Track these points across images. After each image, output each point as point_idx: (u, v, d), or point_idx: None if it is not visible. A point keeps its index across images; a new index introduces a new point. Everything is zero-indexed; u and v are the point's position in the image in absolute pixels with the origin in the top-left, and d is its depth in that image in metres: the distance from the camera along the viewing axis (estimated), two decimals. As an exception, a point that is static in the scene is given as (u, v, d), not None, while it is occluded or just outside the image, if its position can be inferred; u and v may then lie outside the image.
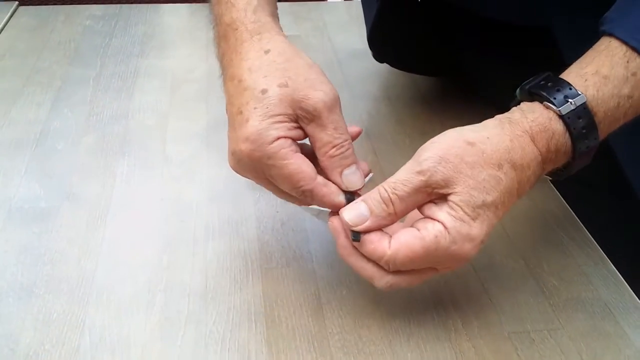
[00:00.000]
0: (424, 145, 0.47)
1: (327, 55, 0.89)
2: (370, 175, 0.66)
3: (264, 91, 0.48)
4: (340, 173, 0.49)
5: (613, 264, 0.57)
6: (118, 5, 1.01)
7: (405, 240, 0.45)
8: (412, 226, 0.46)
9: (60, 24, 0.95)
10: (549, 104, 0.47)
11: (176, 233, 0.59)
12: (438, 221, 0.45)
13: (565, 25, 0.59)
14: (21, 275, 0.54)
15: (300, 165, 0.48)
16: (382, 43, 0.79)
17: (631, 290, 0.54)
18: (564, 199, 0.64)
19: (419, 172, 0.45)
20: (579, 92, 0.46)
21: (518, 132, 0.46)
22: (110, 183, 0.64)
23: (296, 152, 0.48)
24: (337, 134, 0.48)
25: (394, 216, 0.46)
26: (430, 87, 0.82)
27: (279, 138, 0.47)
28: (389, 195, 0.46)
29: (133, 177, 0.65)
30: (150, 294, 0.53)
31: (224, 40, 0.53)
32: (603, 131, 0.47)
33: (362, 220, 0.46)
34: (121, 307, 0.51)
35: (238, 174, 0.51)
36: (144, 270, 0.55)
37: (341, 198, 0.49)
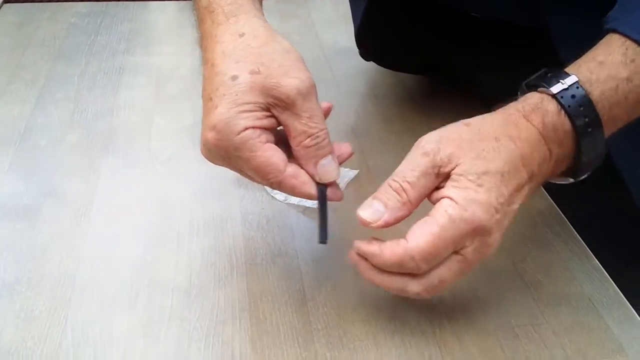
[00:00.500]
0: (423, 136, 0.48)
1: (315, 52, 0.89)
2: (356, 171, 0.66)
3: (234, 77, 0.46)
4: (315, 164, 0.48)
5: (597, 260, 0.57)
6: (104, 3, 1.00)
7: (418, 229, 0.44)
8: None
9: (45, 21, 0.95)
10: (542, 88, 0.47)
11: (160, 230, 0.58)
12: (445, 197, 0.45)
13: (563, 24, 0.59)
14: (3, 272, 0.53)
15: (268, 157, 0.46)
16: (369, 41, 0.78)
17: (615, 285, 0.54)
18: (549, 195, 0.64)
19: (423, 154, 0.46)
20: (571, 74, 0.47)
21: (510, 112, 0.47)
22: (94, 180, 0.64)
23: (265, 142, 0.46)
24: (312, 123, 0.47)
25: (409, 205, 0.46)
26: (417, 85, 0.83)
27: (247, 128, 0.46)
28: (400, 184, 0.46)
29: (117, 174, 0.65)
30: (133, 291, 0.52)
31: (202, 24, 0.52)
32: (604, 114, 0.47)
33: (379, 216, 0.46)
34: (104, 303, 0.51)
35: (211, 163, 0.50)
36: (128, 267, 0.54)
37: (312, 189, 0.48)
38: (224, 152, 0.47)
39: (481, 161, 0.45)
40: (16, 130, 0.70)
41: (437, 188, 0.46)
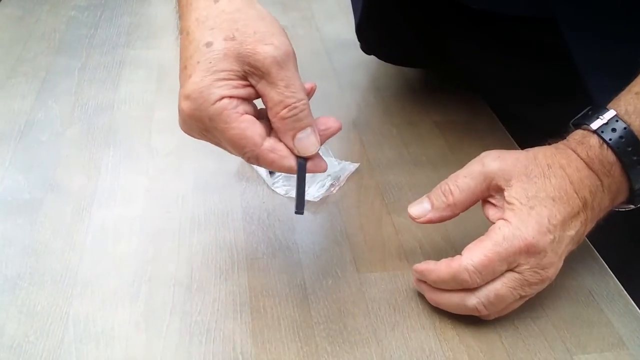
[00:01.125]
0: None
1: (315, 45, 0.89)
2: (357, 165, 0.66)
3: (208, 44, 0.44)
4: (293, 136, 0.45)
5: (598, 253, 0.57)
6: (104, -4, 1.00)
7: (473, 246, 0.47)
8: None
9: (45, 14, 0.95)
10: (584, 126, 0.50)
11: (162, 224, 0.58)
12: (500, 219, 0.48)
13: (570, 16, 0.59)
14: (5, 267, 0.54)
15: (243, 130, 0.44)
16: (370, 35, 0.78)
17: (615, 278, 0.54)
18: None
19: (478, 162, 0.49)
20: (609, 109, 0.49)
21: (560, 146, 0.50)
22: (95, 174, 0.64)
23: (243, 114, 0.44)
24: (288, 92, 0.44)
25: (453, 207, 0.49)
26: (418, 78, 0.82)
27: (222, 98, 0.44)
28: (449, 187, 0.49)
29: (118, 169, 0.65)
30: (135, 285, 0.52)
31: None
32: None
33: (424, 212, 0.50)
34: (106, 298, 0.51)
35: (189, 136, 0.48)
36: (129, 261, 0.55)
37: (292, 162, 0.46)
38: (199, 122, 0.45)
39: (532, 185, 0.48)
40: (17, 125, 0.71)
41: (491, 203, 0.50)
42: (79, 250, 0.55)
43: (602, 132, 0.49)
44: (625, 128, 0.48)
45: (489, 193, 0.50)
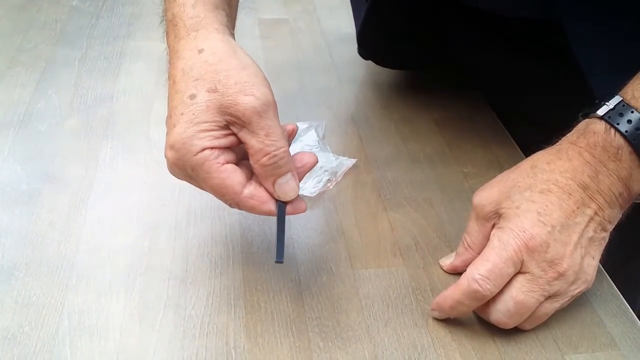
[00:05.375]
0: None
1: (316, 38, 0.89)
2: (354, 160, 0.66)
3: (192, 96, 0.46)
4: (274, 182, 0.47)
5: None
6: (106, -14, 1.00)
7: (475, 259, 0.48)
8: None
9: (47, 3, 0.95)
10: (591, 114, 0.49)
11: (158, 217, 0.59)
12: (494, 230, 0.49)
13: (575, 19, 0.58)
14: (1, 257, 0.54)
15: (224, 180, 0.46)
16: (372, 43, 0.77)
17: (609, 279, 0.55)
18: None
19: (472, 208, 0.51)
20: (616, 94, 0.48)
21: (562, 145, 0.50)
22: (93, 166, 0.64)
23: (224, 163, 0.46)
24: (268, 141, 0.46)
25: (470, 250, 0.51)
26: (417, 74, 0.82)
27: (204, 149, 0.45)
28: (463, 235, 0.53)
29: (116, 161, 0.65)
30: (130, 278, 0.53)
31: (167, 37, 0.52)
32: None
33: (450, 260, 0.54)
34: (101, 290, 0.52)
35: (176, 178, 0.50)
36: (125, 254, 0.55)
37: (271, 206, 0.47)
38: (183, 170, 0.47)
39: (516, 190, 0.49)
40: (16, 115, 0.71)
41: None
42: (75, 242, 0.56)
43: (609, 117, 0.48)
44: (632, 112, 0.47)
45: (492, 223, 0.50)
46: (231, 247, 0.56)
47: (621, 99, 0.48)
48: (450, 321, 0.50)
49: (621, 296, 0.53)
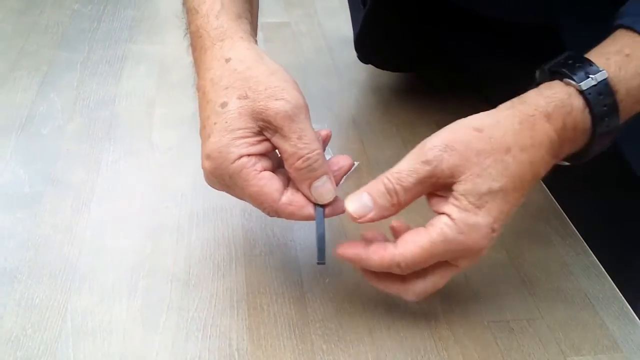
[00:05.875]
0: (430, 136, 0.46)
1: (317, 42, 0.89)
2: (356, 164, 0.66)
3: (223, 105, 0.46)
4: (309, 185, 0.47)
5: (594, 255, 0.57)
6: (107, -11, 1.00)
7: (411, 238, 0.45)
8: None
9: (49, 7, 0.95)
10: (569, 80, 0.46)
11: (161, 220, 0.59)
12: (444, 214, 0.44)
13: (572, 24, 0.58)
14: (4, 260, 0.54)
15: (262, 187, 0.46)
16: (369, 47, 0.78)
17: (612, 281, 0.55)
18: (548, 189, 0.64)
19: (425, 162, 0.44)
20: (601, 69, 0.45)
21: (530, 112, 0.45)
22: (95, 169, 0.64)
23: (261, 170, 0.46)
24: (301, 144, 0.46)
25: (397, 206, 0.46)
26: (417, 76, 0.82)
27: (241, 157, 0.45)
28: (393, 187, 0.45)
29: (118, 164, 0.65)
30: (133, 280, 0.53)
31: (193, 50, 0.52)
32: (624, 111, 0.46)
33: (366, 211, 0.46)
34: (104, 293, 0.52)
35: (215, 190, 0.50)
36: (127, 256, 0.55)
37: (310, 210, 0.47)
38: (220, 179, 0.47)
39: (484, 180, 0.44)
40: (18, 118, 0.71)
41: (436, 195, 0.46)
42: (78, 245, 0.56)
43: (589, 93, 0.45)
44: (611, 95, 0.45)
45: (436, 188, 0.46)
46: (234, 249, 0.56)
47: (606, 76, 0.45)
48: (453, 323, 0.50)
49: (623, 298, 0.53)
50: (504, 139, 0.44)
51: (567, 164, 0.49)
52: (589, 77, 0.45)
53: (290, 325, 0.50)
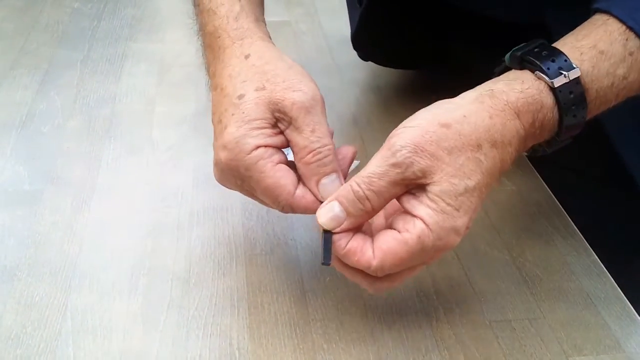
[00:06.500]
0: (395, 131, 0.44)
1: (318, 41, 0.89)
2: (357, 163, 0.66)
3: (240, 96, 0.46)
4: (317, 182, 0.45)
5: (596, 255, 0.57)
6: (107, -12, 1.00)
7: (388, 248, 0.42)
8: (392, 226, 0.43)
9: (49, 5, 0.95)
10: (541, 74, 0.44)
11: (161, 218, 0.59)
12: (418, 218, 0.42)
13: (560, 19, 0.58)
14: (4, 258, 0.54)
15: (278, 179, 0.45)
16: (367, 45, 0.78)
17: (613, 281, 0.54)
18: (549, 188, 0.64)
19: (394, 165, 0.42)
20: (574, 65, 0.44)
21: (500, 107, 0.44)
22: (96, 167, 0.64)
23: (277, 163, 0.45)
24: (314, 137, 0.45)
25: (371, 212, 0.43)
26: (419, 75, 0.82)
27: (258, 147, 0.45)
28: (364, 193, 0.42)
29: (118, 162, 0.65)
30: (133, 279, 0.53)
31: (209, 50, 0.52)
32: (592, 111, 0.46)
33: (338, 223, 0.44)
34: (104, 291, 0.51)
35: (224, 186, 0.49)
36: (128, 254, 0.55)
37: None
38: (235, 171, 0.46)
39: (460, 180, 0.42)
40: (18, 116, 0.71)
41: (409, 192, 0.43)
42: (78, 243, 0.56)
43: (560, 91, 0.44)
44: (581, 94, 0.44)
45: (409, 188, 0.43)
46: (234, 248, 0.56)
47: (579, 74, 0.44)
48: (455, 323, 0.50)
49: (625, 298, 0.53)
50: (474, 135, 0.43)
51: (525, 154, 0.48)
52: (561, 73, 0.44)
53: (291, 324, 0.50)
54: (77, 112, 0.72)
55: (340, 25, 0.92)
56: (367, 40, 0.76)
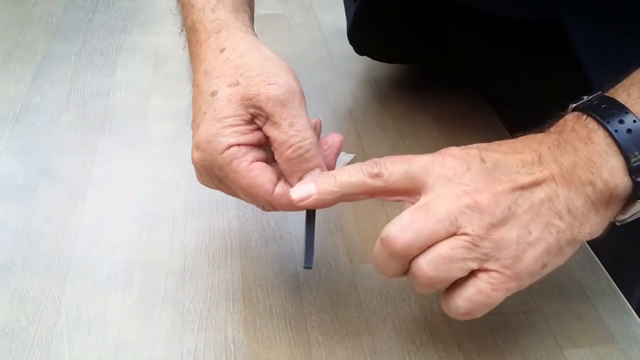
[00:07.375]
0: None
1: (313, 34, 0.89)
2: (352, 156, 0.66)
3: (213, 93, 0.44)
4: (300, 179, 0.44)
5: (590, 248, 0.57)
6: (102, -20, 0.99)
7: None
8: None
9: (43, -2, 0.94)
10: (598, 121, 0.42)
11: (155, 211, 0.58)
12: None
13: (577, 18, 0.57)
14: (-2, 252, 0.54)
15: (254, 179, 0.43)
16: (363, 40, 0.77)
17: (607, 274, 0.55)
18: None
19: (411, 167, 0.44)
20: (629, 110, 0.41)
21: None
22: (90, 160, 0.64)
23: (252, 161, 0.43)
24: (292, 131, 0.43)
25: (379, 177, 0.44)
26: (415, 69, 0.82)
27: (230, 146, 0.43)
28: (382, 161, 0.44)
29: (113, 155, 0.65)
30: (128, 272, 0.52)
31: (189, 45, 0.51)
32: None
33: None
34: (98, 284, 0.51)
35: (206, 187, 0.48)
36: (122, 248, 0.55)
37: None
38: (210, 171, 0.45)
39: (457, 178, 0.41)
40: (12, 110, 0.70)
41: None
42: (73, 236, 0.55)
43: (617, 131, 0.40)
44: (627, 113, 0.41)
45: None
46: (229, 241, 0.56)
47: (635, 118, 0.41)
48: (449, 316, 0.50)
49: (619, 291, 0.53)
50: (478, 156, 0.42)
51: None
52: (617, 120, 0.41)
53: (286, 318, 0.50)
54: (72, 106, 0.72)
55: (335, 17, 0.92)
56: (363, 35, 0.76)
